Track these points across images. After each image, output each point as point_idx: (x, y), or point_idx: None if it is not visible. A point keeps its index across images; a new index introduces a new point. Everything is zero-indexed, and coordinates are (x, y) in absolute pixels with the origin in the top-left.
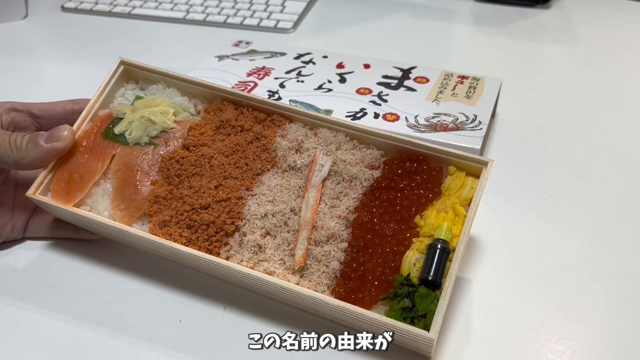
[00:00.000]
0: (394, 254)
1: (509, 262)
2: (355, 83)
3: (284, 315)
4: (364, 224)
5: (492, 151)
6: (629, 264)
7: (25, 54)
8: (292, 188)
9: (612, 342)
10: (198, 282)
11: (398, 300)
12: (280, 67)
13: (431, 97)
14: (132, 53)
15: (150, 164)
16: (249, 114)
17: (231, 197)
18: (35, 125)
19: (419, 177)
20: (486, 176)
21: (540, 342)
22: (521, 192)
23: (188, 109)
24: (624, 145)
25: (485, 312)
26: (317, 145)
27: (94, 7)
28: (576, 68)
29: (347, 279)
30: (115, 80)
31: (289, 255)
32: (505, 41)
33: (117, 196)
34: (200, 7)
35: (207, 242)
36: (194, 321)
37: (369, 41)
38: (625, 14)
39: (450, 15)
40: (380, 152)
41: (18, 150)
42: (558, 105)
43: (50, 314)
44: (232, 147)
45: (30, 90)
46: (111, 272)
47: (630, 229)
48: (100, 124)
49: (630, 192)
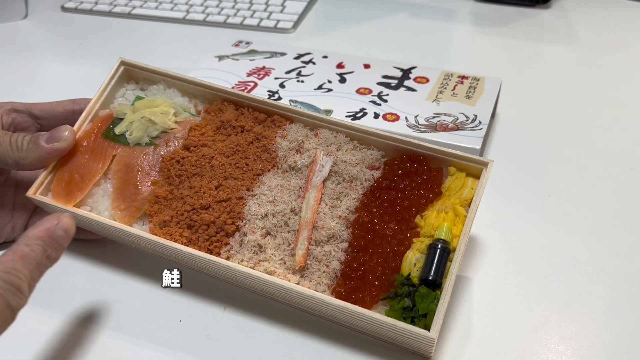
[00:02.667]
0: (394, 254)
1: (509, 262)
2: (355, 83)
3: (284, 315)
4: (365, 224)
5: (492, 151)
6: (629, 264)
7: (25, 54)
8: (293, 188)
9: (612, 342)
10: (198, 282)
11: (398, 300)
12: (280, 67)
13: (431, 97)
14: (132, 53)
15: (151, 165)
16: (249, 114)
17: (232, 198)
18: (36, 125)
19: (420, 177)
20: (486, 177)
21: (540, 342)
22: (521, 192)
23: (188, 110)
24: (624, 145)
25: (486, 312)
26: (317, 146)
27: (94, 7)
28: (576, 68)
29: (348, 278)
30: (116, 80)
31: (290, 255)
32: (505, 41)
33: (117, 196)
34: (200, 7)
35: (207, 242)
36: (194, 321)
37: (369, 41)
38: (625, 14)
39: (450, 15)
40: (380, 152)
41: (19, 150)
42: (558, 105)
43: (50, 314)
44: (232, 148)
45: (30, 90)
46: (111, 272)
47: (630, 229)
48: (100, 125)
49: (630, 192)
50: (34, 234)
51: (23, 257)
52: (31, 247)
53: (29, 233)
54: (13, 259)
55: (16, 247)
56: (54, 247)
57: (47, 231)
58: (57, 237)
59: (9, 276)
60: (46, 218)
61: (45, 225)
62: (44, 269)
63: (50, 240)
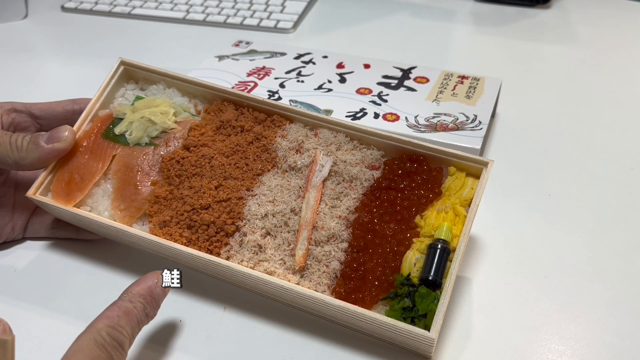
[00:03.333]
0: (394, 254)
1: (509, 262)
2: (355, 83)
3: (284, 315)
4: (365, 224)
5: (492, 151)
6: (629, 264)
7: (25, 54)
8: (293, 188)
9: (612, 342)
10: (198, 282)
11: (398, 300)
12: (280, 67)
13: (431, 97)
14: (132, 53)
15: (151, 165)
16: (249, 114)
17: (231, 198)
18: (36, 125)
19: (419, 177)
20: (486, 177)
21: (540, 342)
22: (521, 192)
23: (188, 110)
24: (624, 145)
25: (485, 312)
26: (317, 146)
27: (94, 7)
28: (576, 68)
29: (348, 279)
30: (116, 80)
31: (290, 256)
32: (505, 41)
33: (117, 196)
34: (200, 7)
35: (207, 242)
36: (194, 321)
37: (369, 41)
38: (625, 14)
39: (450, 15)
40: (380, 152)
41: (19, 151)
42: (558, 105)
43: (50, 314)
44: (232, 148)
45: (30, 90)
46: (111, 272)
47: (630, 229)
48: (100, 125)
49: (630, 192)
50: (137, 291)
51: (127, 313)
52: (134, 304)
53: (133, 290)
54: (118, 315)
55: (121, 303)
56: (152, 305)
57: (149, 289)
58: (156, 296)
59: (115, 332)
60: (148, 276)
61: (147, 283)
62: (142, 326)
63: (151, 298)
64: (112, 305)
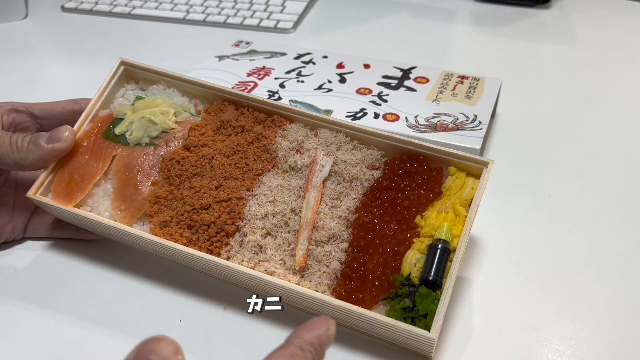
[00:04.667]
0: (394, 254)
1: (509, 262)
2: (355, 83)
3: (285, 315)
4: (365, 224)
5: (492, 151)
6: (629, 264)
7: (25, 54)
8: (293, 188)
9: (612, 342)
10: (198, 282)
11: (399, 300)
12: (280, 67)
13: (431, 97)
14: (132, 53)
15: (151, 165)
16: (249, 114)
17: (232, 198)
18: (36, 125)
19: (420, 177)
20: (486, 177)
21: (540, 342)
22: (521, 192)
23: (188, 110)
24: (624, 145)
25: (486, 312)
26: (317, 146)
27: (94, 7)
28: (576, 68)
29: (348, 279)
30: (116, 80)
31: (290, 256)
32: (505, 41)
33: (117, 197)
34: (200, 7)
35: (207, 242)
36: (194, 321)
37: (369, 41)
38: (625, 14)
39: (450, 15)
40: (380, 152)
41: (19, 151)
42: (558, 105)
43: (50, 314)
44: (232, 148)
45: (30, 90)
46: (111, 273)
47: (630, 229)
48: (100, 125)
49: (630, 192)
50: (308, 339)
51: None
52: (304, 352)
53: (304, 335)
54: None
55: (292, 349)
56: (319, 355)
57: (319, 339)
58: (324, 345)
59: None
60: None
61: (318, 331)
62: None
63: (320, 349)
64: (281, 349)
